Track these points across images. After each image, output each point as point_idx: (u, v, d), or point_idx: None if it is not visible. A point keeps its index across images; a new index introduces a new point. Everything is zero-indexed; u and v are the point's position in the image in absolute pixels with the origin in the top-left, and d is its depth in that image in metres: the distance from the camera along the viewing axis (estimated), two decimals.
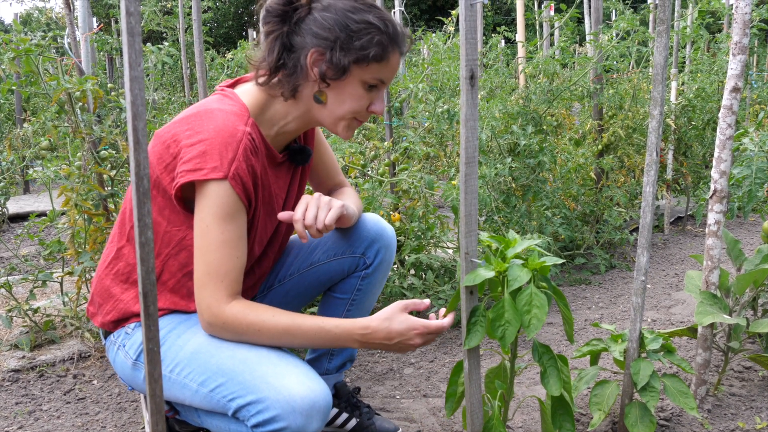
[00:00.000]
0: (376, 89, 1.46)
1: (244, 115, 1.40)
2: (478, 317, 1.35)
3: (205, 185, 1.32)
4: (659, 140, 1.52)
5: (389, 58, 1.43)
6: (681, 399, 1.65)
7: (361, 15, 1.40)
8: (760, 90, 6.02)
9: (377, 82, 1.44)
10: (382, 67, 1.43)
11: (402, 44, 1.46)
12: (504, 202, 3.01)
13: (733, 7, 1.70)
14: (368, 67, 1.41)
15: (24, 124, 5.80)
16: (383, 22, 1.41)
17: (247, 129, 1.37)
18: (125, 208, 1.53)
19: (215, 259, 1.34)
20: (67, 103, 2.28)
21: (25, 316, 2.40)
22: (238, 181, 1.33)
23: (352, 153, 2.86)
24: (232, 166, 1.32)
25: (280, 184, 1.55)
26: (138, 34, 0.81)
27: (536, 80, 3.59)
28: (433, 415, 1.94)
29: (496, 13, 19.02)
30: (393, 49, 1.43)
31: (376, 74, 1.43)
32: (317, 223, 1.42)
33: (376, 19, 1.40)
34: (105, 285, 1.53)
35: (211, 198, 1.33)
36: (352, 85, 1.43)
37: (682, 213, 4.76)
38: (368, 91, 1.45)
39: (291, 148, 1.56)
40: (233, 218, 1.35)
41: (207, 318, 1.35)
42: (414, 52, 6.82)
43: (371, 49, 1.39)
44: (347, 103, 1.44)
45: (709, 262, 1.83)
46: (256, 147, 1.40)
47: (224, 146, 1.33)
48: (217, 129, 1.34)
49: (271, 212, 1.53)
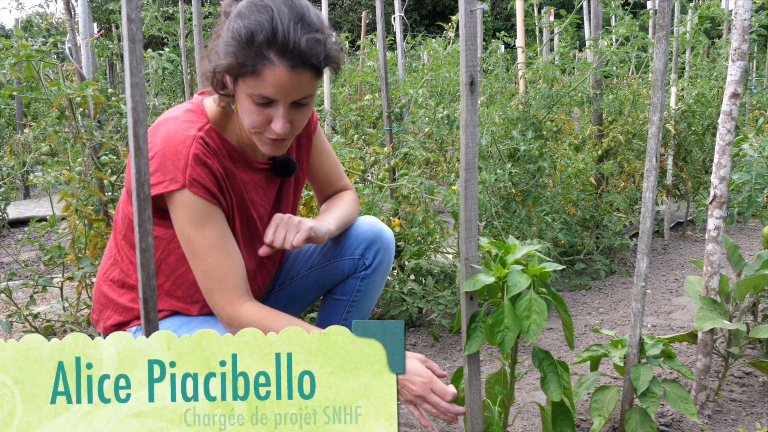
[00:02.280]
0: (270, 106, 1.34)
1: (198, 121, 1.40)
2: (477, 323, 1.35)
3: (170, 197, 1.35)
4: (659, 146, 1.52)
5: (260, 72, 1.28)
6: (681, 404, 1.64)
7: (238, 22, 1.29)
8: (759, 95, 6.03)
9: (262, 99, 1.32)
10: (257, 80, 1.29)
11: (290, 55, 1.27)
12: (504, 208, 3.01)
13: (733, 14, 1.70)
14: (244, 80, 1.31)
15: (25, 130, 5.80)
16: (248, 30, 1.27)
17: (198, 134, 1.37)
18: (117, 218, 1.55)
19: (209, 264, 1.37)
20: (67, 109, 2.28)
21: (25, 321, 2.40)
22: (197, 186, 1.34)
23: (352, 158, 2.87)
24: (186, 173, 1.33)
25: (260, 193, 1.54)
26: (139, 40, 0.82)
27: (536, 85, 3.60)
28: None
29: (496, 18, 19.06)
30: (264, 61, 1.27)
31: (253, 89, 1.31)
32: (285, 245, 1.43)
33: (241, 28, 1.28)
34: (103, 291, 1.57)
35: (180, 208, 1.35)
36: (241, 98, 1.35)
37: (682, 218, 4.76)
38: (261, 106, 1.33)
39: (276, 160, 1.56)
40: (209, 221, 1.37)
41: (225, 320, 1.40)
42: (414, 57, 6.83)
43: (223, 61, 1.30)
44: (244, 116, 1.37)
45: (709, 268, 1.83)
46: (213, 150, 1.39)
47: (175, 155, 1.34)
48: (166, 139, 1.35)
49: (247, 219, 1.52)
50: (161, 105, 5.49)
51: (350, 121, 4.52)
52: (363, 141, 4.08)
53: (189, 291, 1.51)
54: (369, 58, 5.90)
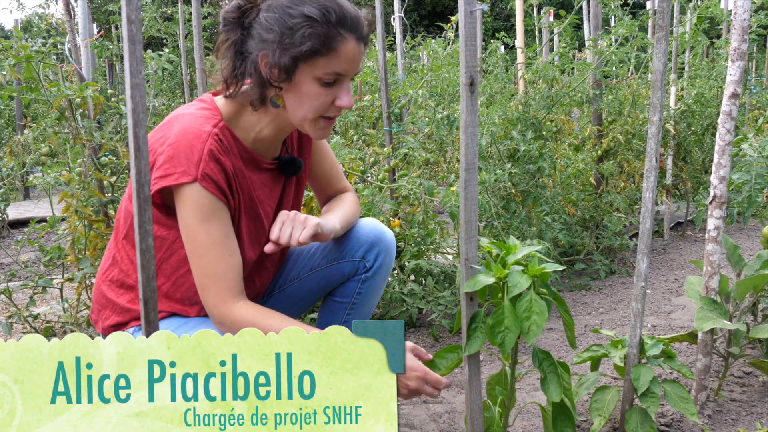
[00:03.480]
0: (336, 84, 1.38)
1: (213, 118, 1.40)
2: (478, 323, 1.35)
3: (179, 190, 1.34)
4: (658, 146, 1.52)
5: (336, 48, 1.33)
6: (681, 404, 1.64)
7: (298, 8, 1.32)
8: (759, 95, 6.03)
9: (333, 77, 1.36)
10: (331, 59, 1.34)
11: (355, 29, 1.35)
12: (504, 208, 3.01)
13: (732, 14, 1.70)
14: (315, 62, 1.33)
15: (24, 131, 5.80)
16: (321, 11, 1.31)
17: (213, 130, 1.37)
18: (119, 216, 1.54)
19: (209, 261, 1.36)
20: (67, 110, 2.28)
21: (25, 322, 2.40)
22: (208, 181, 1.34)
23: (352, 159, 2.87)
24: (199, 167, 1.33)
25: (266, 192, 1.54)
26: (139, 42, 0.82)
27: (535, 86, 3.60)
28: (434, 421, 1.94)
29: (495, 18, 19.07)
30: (339, 38, 1.33)
31: (326, 68, 1.34)
32: (291, 241, 1.42)
33: (313, 10, 1.31)
34: (102, 292, 1.57)
35: (188, 202, 1.34)
36: (306, 84, 1.36)
37: (681, 218, 4.76)
38: (326, 87, 1.37)
39: (281, 158, 1.56)
40: (214, 217, 1.36)
41: (217, 317, 1.39)
42: (414, 58, 6.83)
43: (307, 44, 1.31)
44: (306, 103, 1.38)
45: (709, 268, 1.83)
46: (226, 147, 1.40)
47: (189, 148, 1.34)
48: (182, 132, 1.35)
49: (255, 218, 1.52)
50: (161, 106, 5.48)
51: (350, 122, 4.52)
52: (363, 141, 4.08)
53: (188, 293, 1.51)
54: (368, 58, 5.90)
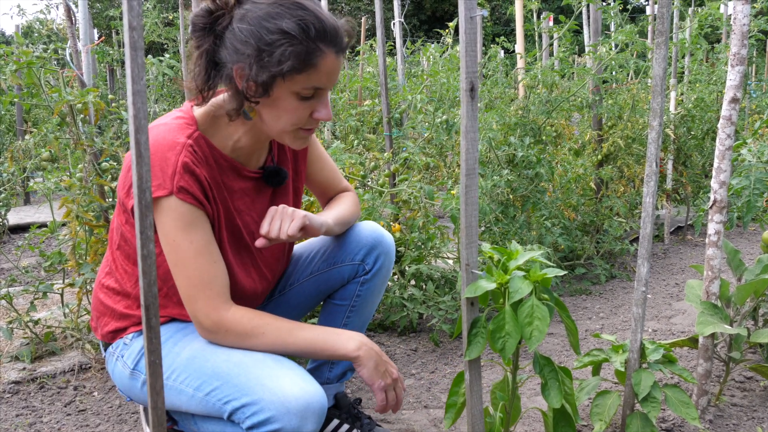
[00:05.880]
0: (314, 97, 1.36)
1: (188, 128, 1.38)
2: (479, 329, 1.36)
3: (156, 203, 1.33)
4: (659, 151, 1.52)
5: (316, 64, 1.30)
6: (682, 409, 1.64)
7: (275, 22, 1.27)
8: (758, 100, 6.04)
9: (311, 91, 1.33)
10: (311, 74, 1.31)
11: (334, 42, 1.32)
12: (503, 213, 3.01)
13: (732, 19, 1.71)
14: (294, 78, 1.31)
15: (25, 136, 5.81)
16: (300, 25, 1.27)
17: (188, 141, 1.36)
18: (112, 227, 1.54)
19: (195, 270, 1.35)
20: (68, 115, 2.29)
21: (26, 327, 2.39)
22: (184, 193, 1.33)
23: (352, 164, 2.87)
24: (174, 180, 1.32)
25: (247, 202, 1.52)
26: (141, 48, 0.82)
27: (535, 91, 3.60)
28: (434, 426, 1.93)
29: (495, 23, 19.10)
30: (318, 53, 1.30)
31: (305, 84, 1.32)
32: (281, 234, 1.41)
33: (291, 24, 1.27)
34: (99, 299, 1.58)
35: (167, 213, 1.33)
36: (284, 99, 1.33)
37: (682, 223, 4.77)
38: (305, 100, 1.35)
39: (266, 168, 1.54)
40: (195, 226, 1.35)
41: (208, 326, 1.36)
42: (414, 63, 6.85)
43: (287, 63, 1.28)
44: (284, 117, 1.36)
45: (710, 272, 1.83)
46: (201, 158, 1.38)
47: (163, 161, 1.32)
48: (156, 144, 1.33)
49: (233, 228, 1.49)
50: (162, 111, 5.49)
51: (350, 127, 4.53)
52: (363, 146, 4.09)
53: None
54: (368, 63, 5.91)
